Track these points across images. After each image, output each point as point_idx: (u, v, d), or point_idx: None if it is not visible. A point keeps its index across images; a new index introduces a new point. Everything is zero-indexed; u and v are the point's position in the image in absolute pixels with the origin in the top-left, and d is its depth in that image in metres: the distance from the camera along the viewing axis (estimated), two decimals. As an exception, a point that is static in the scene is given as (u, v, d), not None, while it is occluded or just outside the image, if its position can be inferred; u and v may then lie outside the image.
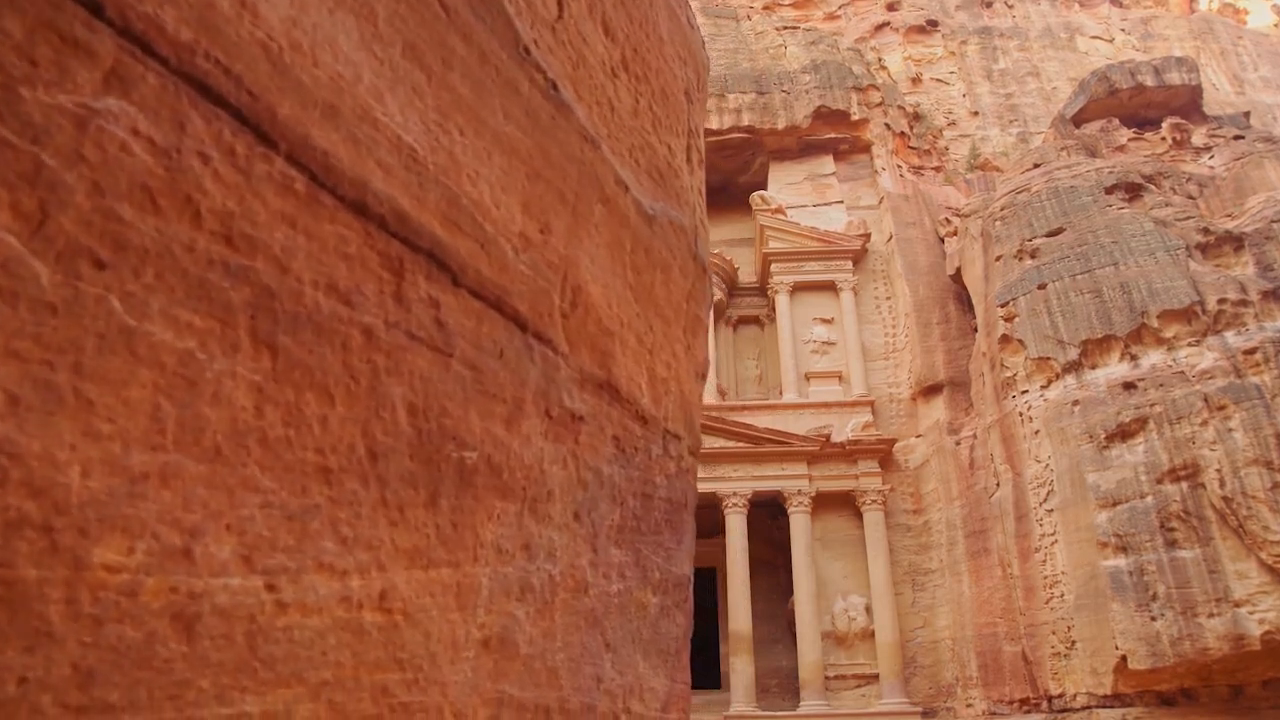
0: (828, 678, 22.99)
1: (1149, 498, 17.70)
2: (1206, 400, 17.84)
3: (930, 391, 25.91)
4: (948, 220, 28.28)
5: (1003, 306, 22.08)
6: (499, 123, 1.62)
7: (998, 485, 21.76)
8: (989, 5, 44.54)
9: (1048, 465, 19.98)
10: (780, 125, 31.38)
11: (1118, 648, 17.27)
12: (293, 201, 1.15)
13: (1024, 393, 21.24)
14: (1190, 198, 22.97)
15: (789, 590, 24.55)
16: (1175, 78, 27.60)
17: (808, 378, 27.26)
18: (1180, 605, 16.69)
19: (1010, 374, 21.69)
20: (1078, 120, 28.30)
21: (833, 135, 31.76)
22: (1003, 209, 23.83)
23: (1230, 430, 17.40)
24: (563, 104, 1.81)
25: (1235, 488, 16.85)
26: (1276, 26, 49.64)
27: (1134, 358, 19.42)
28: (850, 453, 25.06)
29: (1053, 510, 19.55)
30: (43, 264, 0.92)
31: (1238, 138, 25.88)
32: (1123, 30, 44.68)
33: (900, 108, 33.41)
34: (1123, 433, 18.57)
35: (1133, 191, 22.43)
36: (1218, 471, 17.18)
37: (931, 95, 40.56)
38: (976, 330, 24.68)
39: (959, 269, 26.22)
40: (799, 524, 24.32)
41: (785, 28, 36.39)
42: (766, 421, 25.84)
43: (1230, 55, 43.90)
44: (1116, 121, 27.41)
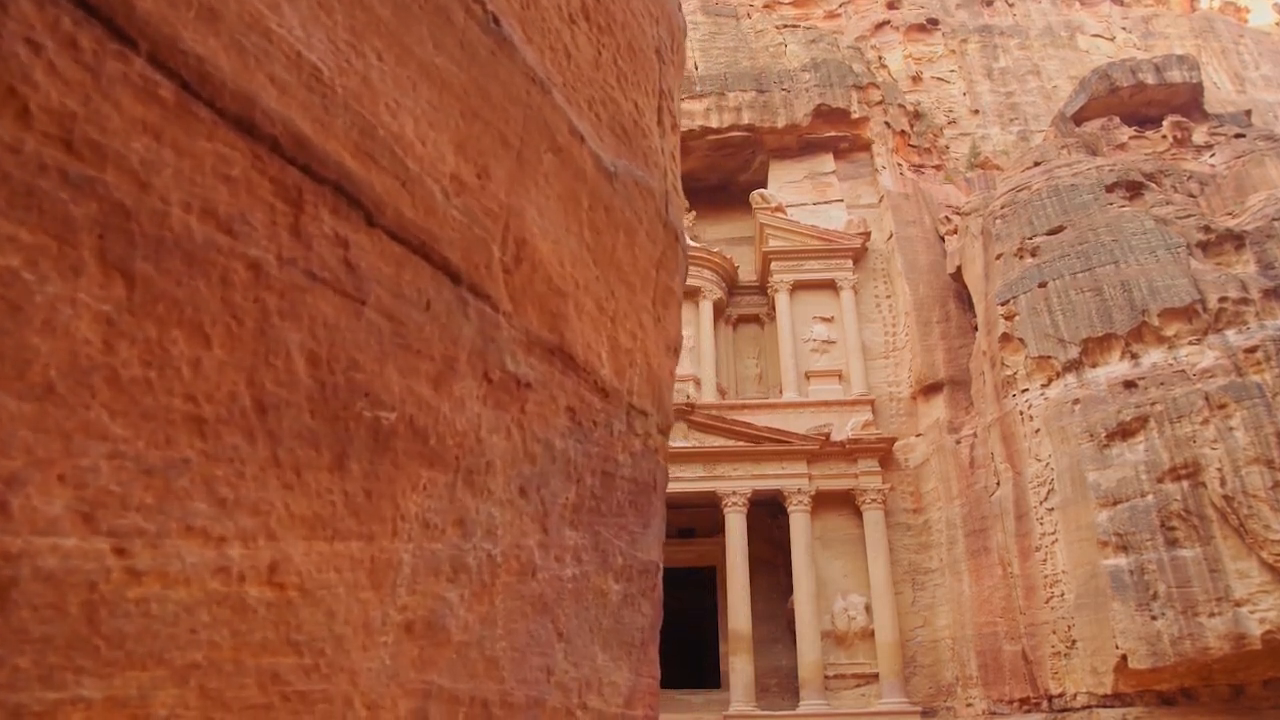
0: (827, 677, 22.93)
1: (1149, 497, 17.64)
2: (1207, 399, 17.78)
3: (930, 390, 25.84)
4: (948, 219, 28.21)
5: (1003, 305, 22.02)
6: (427, 52, 1.47)
7: (998, 484, 21.70)
8: (989, 4, 44.46)
9: (1048, 464, 19.92)
10: (780, 124, 31.34)
11: (1118, 647, 17.21)
12: (157, 110, 1.01)
13: (1024, 391, 21.18)
14: (1191, 196, 22.90)
15: (789, 589, 24.47)
16: (1176, 76, 27.53)
17: (808, 376, 27.21)
18: (1181, 604, 16.63)
19: (1010, 373, 21.63)
20: (1078, 118, 28.22)
21: (833, 134, 31.74)
22: (1003, 207, 23.75)
23: (1231, 429, 17.34)
24: (505, 40, 1.67)
25: (1236, 486, 16.79)
26: (1278, 25, 49.57)
27: (1135, 356, 19.36)
28: (850, 452, 25.00)
29: (1053, 509, 19.50)
30: None
31: (1239, 136, 25.78)
32: (1124, 29, 44.60)
33: (900, 106, 33.36)
34: (1123, 431, 18.51)
35: (1133, 190, 22.37)
36: (1218, 470, 17.12)
37: (932, 94, 40.49)
38: (977, 329, 24.61)
39: (959, 267, 26.16)
40: (799, 523, 24.26)
41: (785, 26, 36.35)
42: (766, 420, 25.77)
43: (1231, 54, 43.83)
44: (1117, 120, 27.33)
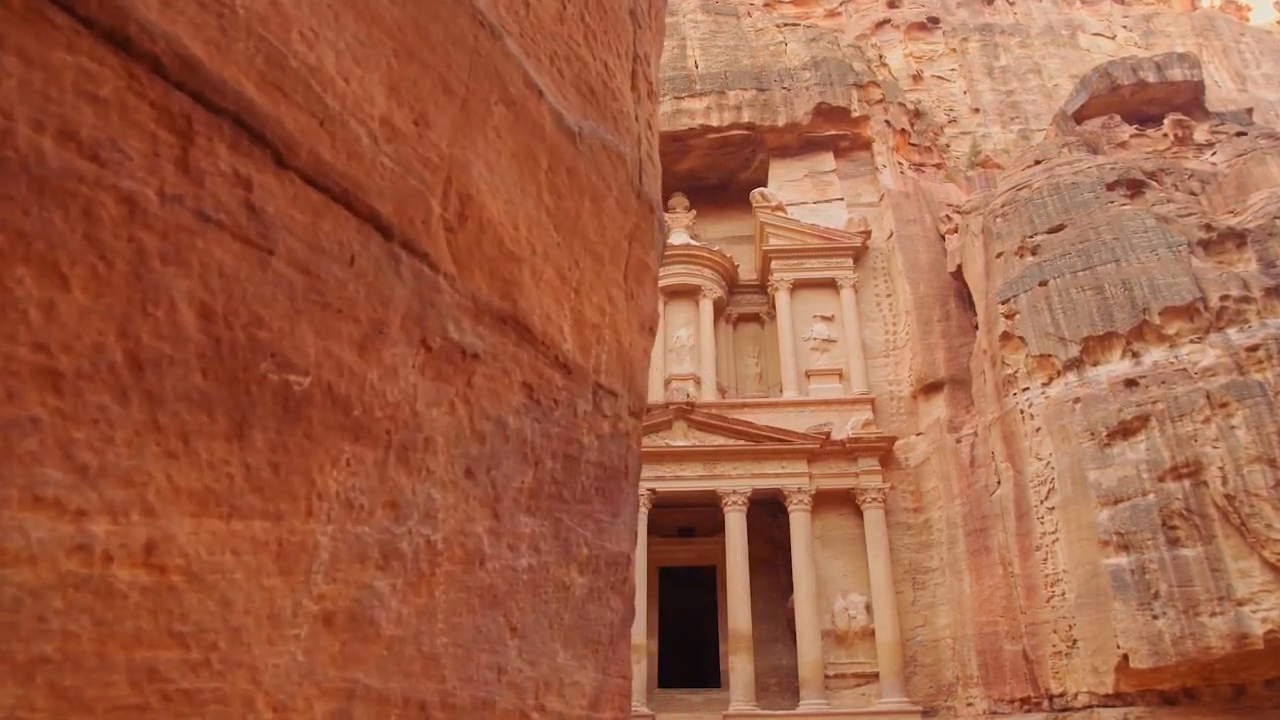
0: (828, 676, 22.84)
1: (1151, 496, 17.55)
2: (1209, 398, 17.68)
3: (931, 389, 25.75)
4: (948, 217, 28.11)
5: (1004, 304, 21.93)
6: None
7: (998, 483, 21.61)
8: (990, 2, 44.37)
9: (1049, 463, 19.82)
10: (781, 122, 31.27)
11: (1119, 647, 17.12)
12: (-2, 10, 0.91)
13: (1025, 390, 21.08)
14: (1192, 194, 22.79)
15: (789, 589, 24.39)
16: (1177, 74, 27.45)
17: (808, 375, 27.13)
18: (1182, 604, 16.53)
19: (1011, 371, 21.54)
20: (1079, 117, 28.13)
21: (833, 132, 31.66)
22: (1004, 206, 23.66)
23: (1233, 428, 17.25)
24: (448, -25, 1.54)
25: (1238, 485, 16.70)
26: (1279, 23, 49.45)
27: (1136, 355, 19.27)
28: (850, 451, 24.91)
29: (1054, 508, 19.41)
30: None
31: (1240, 134, 25.68)
32: (1124, 27, 44.51)
33: (901, 105, 33.27)
34: (1124, 430, 18.42)
35: (1134, 188, 22.27)
36: (1220, 469, 17.03)
37: (932, 92, 40.40)
38: (977, 328, 24.52)
39: (960, 266, 26.07)
40: (799, 522, 24.17)
41: (786, 25, 36.26)
42: (766, 419, 25.69)
43: (1232, 52, 43.73)
44: (1118, 118, 27.25)
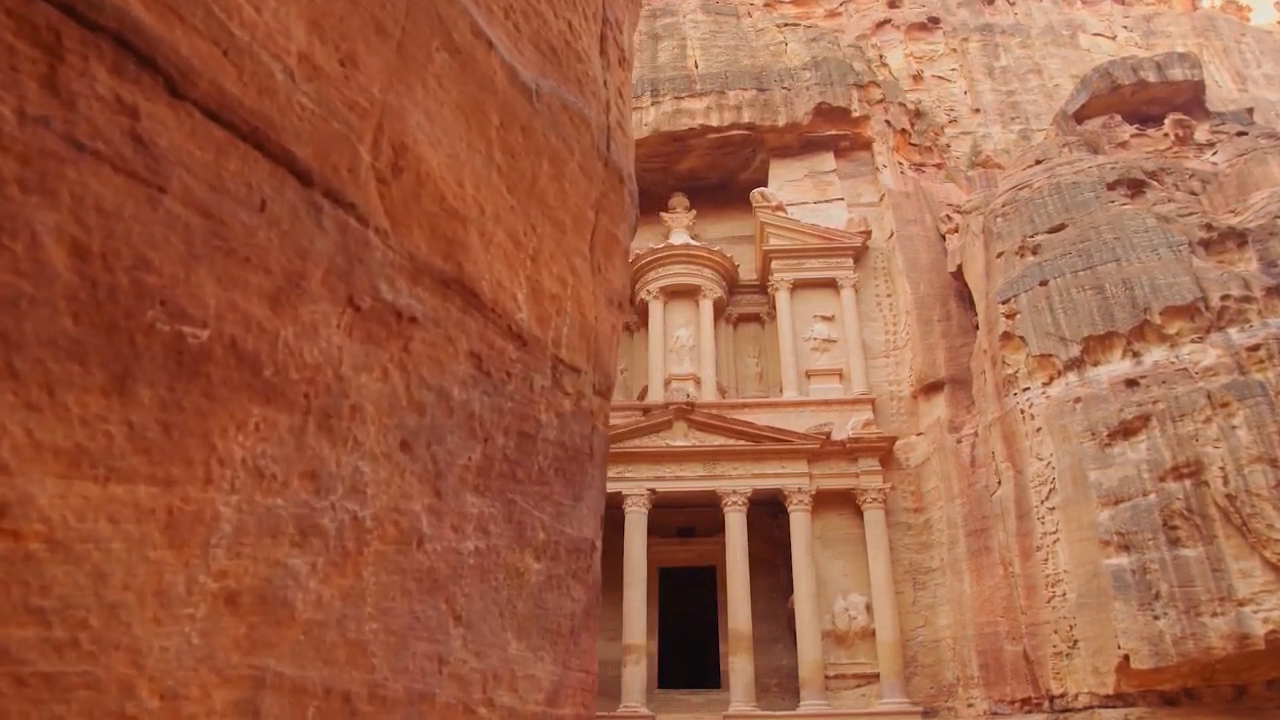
0: (828, 677, 22.75)
1: (1151, 496, 17.48)
2: (1209, 397, 17.61)
3: (931, 389, 25.67)
4: (949, 217, 28.05)
5: (1004, 303, 21.87)
6: None
7: (999, 483, 21.53)
8: (991, 2, 44.32)
9: (1049, 463, 19.75)
10: (781, 122, 31.22)
11: (1120, 647, 17.05)
12: None
13: (1025, 390, 21.01)
14: (1193, 194, 22.73)
15: (789, 589, 24.31)
16: (1178, 74, 27.39)
17: (808, 375, 27.06)
18: (1183, 604, 16.46)
19: (1012, 371, 21.47)
20: (1080, 117, 28.08)
21: (833, 132, 31.61)
22: (1004, 205, 23.59)
23: (1234, 428, 17.18)
24: (377, -94, 1.45)
25: (1239, 485, 16.62)
26: (1279, 24, 49.40)
27: (1136, 355, 19.20)
28: (851, 451, 24.84)
29: (1054, 508, 19.33)
30: None
31: (1241, 134, 25.60)
32: (1125, 27, 44.44)
33: (901, 105, 33.21)
34: (1125, 430, 18.35)
35: (1135, 188, 22.21)
36: (1221, 469, 16.96)
37: (933, 92, 40.35)
38: (978, 327, 24.46)
39: (960, 266, 26.01)
40: (799, 522, 24.10)
41: (786, 25, 36.21)
42: (766, 419, 25.62)
43: (1233, 52, 43.65)
44: (1119, 118, 27.19)
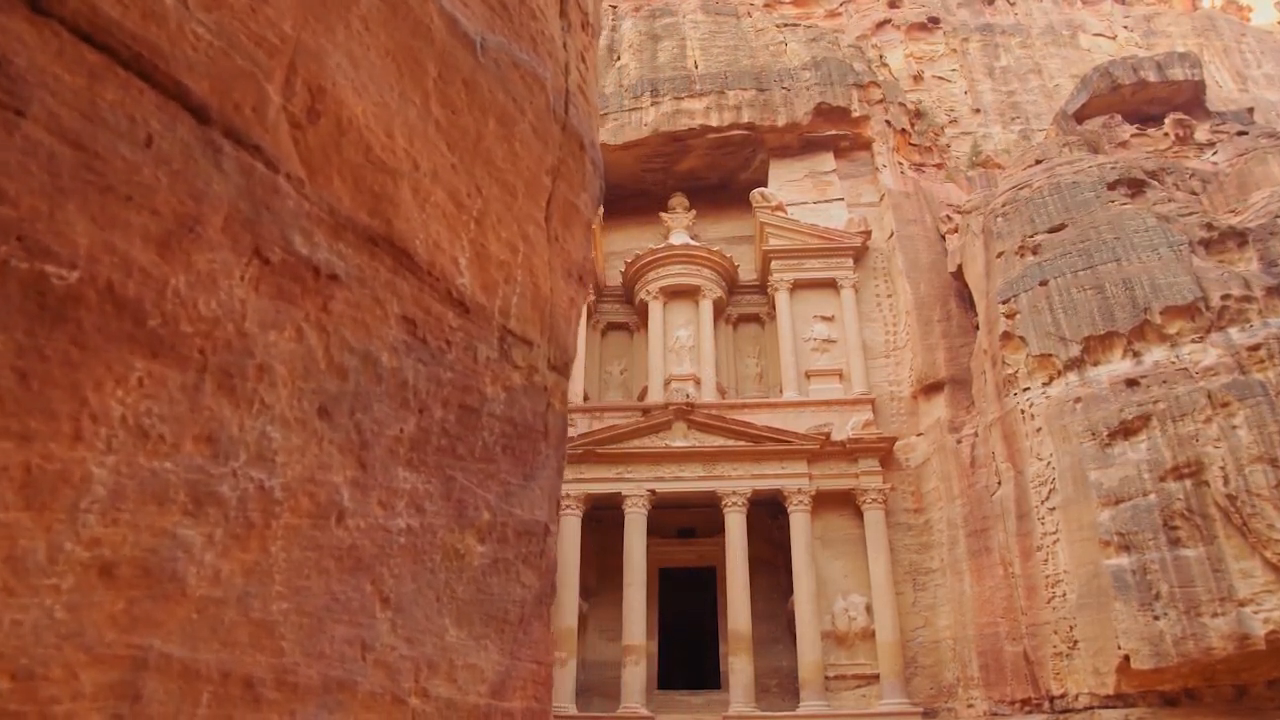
0: (828, 678, 22.82)
1: (1152, 496, 17.53)
2: (1210, 397, 17.66)
3: (931, 389, 25.74)
4: (949, 217, 28.11)
5: (1004, 303, 21.92)
6: None
7: (999, 483, 21.59)
8: (991, 2, 44.36)
9: (1049, 463, 19.81)
10: (781, 122, 31.26)
11: (1120, 647, 17.10)
12: None
13: (1025, 390, 21.07)
14: (1193, 193, 22.78)
15: (789, 590, 24.38)
16: (1178, 73, 27.45)
17: (808, 376, 27.12)
18: (1184, 604, 16.52)
19: (1012, 371, 21.52)
20: (1080, 116, 28.14)
21: (833, 132, 31.66)
22: (1004, 205, 23.65)
23: (1234, 427, 17.22)
24: None
25: (1239, 485, 16.68)
26: (1280, 23, 49.44)
27: (1137, 354, 19.25)
28: (851, 451, 24.90)
29: (1055, 509, 19.38)
30: None
31: (1241, 134, 25.67)
32: (1125, 27, 44.49)
33: (901, 105, 33.27)
34: (1125, 430, 18.41)
35: (1135, 187, 22.26)
36: (1221, 469, 17.00)
37: (933, 92, 40.40)
38: (978, 327, 24.51)
39: (960, 266, 26.06)
40: (799, 523, 24.16)
41: (786, 25, 36.24)
42: (766, 420, 25.68)
43: (1233, 52, 43.70)
44: (1119, 117, 27.25)
